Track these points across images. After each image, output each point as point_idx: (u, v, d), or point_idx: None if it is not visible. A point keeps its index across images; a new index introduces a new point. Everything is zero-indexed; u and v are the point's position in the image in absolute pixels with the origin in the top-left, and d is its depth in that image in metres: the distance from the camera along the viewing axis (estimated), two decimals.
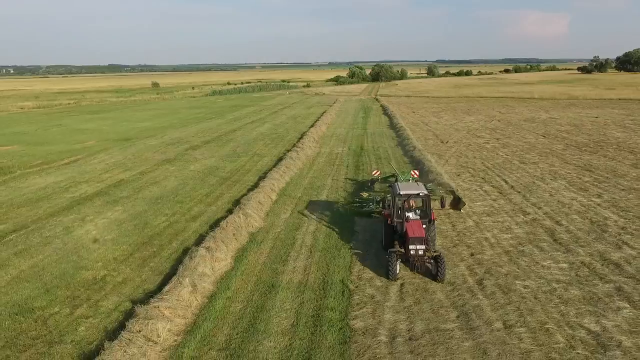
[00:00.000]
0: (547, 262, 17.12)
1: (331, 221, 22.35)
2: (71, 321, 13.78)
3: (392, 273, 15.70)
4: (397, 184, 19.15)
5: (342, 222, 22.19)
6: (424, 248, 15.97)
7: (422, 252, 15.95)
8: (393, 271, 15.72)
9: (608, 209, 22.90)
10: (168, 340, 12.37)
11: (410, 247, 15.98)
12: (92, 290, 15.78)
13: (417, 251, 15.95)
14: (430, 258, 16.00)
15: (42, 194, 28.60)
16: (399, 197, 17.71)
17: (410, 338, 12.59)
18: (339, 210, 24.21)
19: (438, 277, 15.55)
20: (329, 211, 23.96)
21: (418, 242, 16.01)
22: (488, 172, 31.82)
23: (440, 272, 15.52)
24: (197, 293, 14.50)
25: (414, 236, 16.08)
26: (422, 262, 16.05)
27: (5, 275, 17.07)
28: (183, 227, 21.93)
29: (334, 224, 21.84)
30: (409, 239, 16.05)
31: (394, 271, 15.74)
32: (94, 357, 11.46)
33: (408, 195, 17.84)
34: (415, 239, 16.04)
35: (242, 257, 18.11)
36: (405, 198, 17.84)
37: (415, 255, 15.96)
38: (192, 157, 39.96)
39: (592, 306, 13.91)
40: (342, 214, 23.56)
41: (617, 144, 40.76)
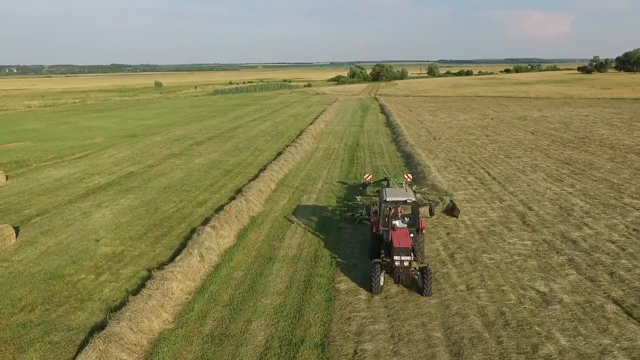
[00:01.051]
0: (513, 239, 19.36)
1: (324, 205, 24.61)
2: (97, 285, 16.07)
3: (375, 286, 14.69)
4: (384, 189, 18.12)
5: (332, 208, 24.45)
6: (409, 259, 14.89)
7: (408, 263, 14.85)
8: (376, 284, 14.70)
9: (577, 197, 25.11)
10: (181, 297, 14.65)
11: (395, 257, 14.88)
12: (112, 261, 18.06)
13: (402, 262, 14.83)
14: (417, 270, 15.05)
15: (59, 184, 30.92)
16: (385, 204, 16.69)
17: (386, 297, 14.83)
18: (332, 198, 26.47)
19: (424, 291, 14.55)
20: (323, 199, 26.20)
21: (403, 253, 14.89)
22: (474, 165, 34.03)
23: (426, 285, 14.51)
24: (204, 262, 16.78)
25: (399, 246, 14.99)
26: (407, 275, 14.96)
27: (35, 250, 19.37)
28: (190, 211, 24.21)
29: (327, 210, 24.10)
30: (393, 249, 15.02)
31: (377, 284, 14.73)
32: (120, 308, 13.71)
33: (395, 202, 16.74)
34: (401, 249, 14.93)
35: (244, 236, 20.41)
36: (391, 205, 16.86)
37: (400, 266, 14.83)
38: (197, 152, 42.25)
39: (545, 273, 16.15)
40: (335, 201, 25.82)
41: (600, 141, 42.88)
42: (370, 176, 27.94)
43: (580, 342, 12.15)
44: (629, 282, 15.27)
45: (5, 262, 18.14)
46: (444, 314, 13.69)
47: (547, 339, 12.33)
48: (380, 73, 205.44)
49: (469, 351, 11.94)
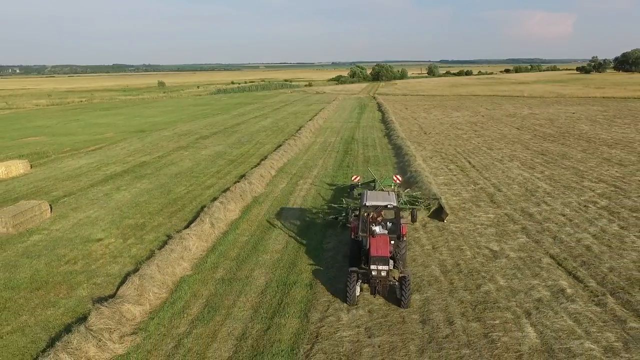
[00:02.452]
0: (479, 213, 22.51)
1: (318, 188, 27.79)
2: (125, 246, 19.27)
3: (350, 297, 13.87)
4: (366, 193, 17.19)
5: (325, 190, 27.64)
6: (387, 269, 14.00)
7: (385, 273, 13.98)
8: (351, 295, 13.86)
9: (543, 181, 28.24)
10: (196, 253, 17.85)
11: (372, 267, 14.00)
12: (136, 230, 21.27)
13: (380, 272, 13.93)
14: (396, 279, 14.25)
15: (79, 172, 34.15)
16: (364, 208, 15.78)
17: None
18: (325, 182, 29.66)
19: (401, 303, 13.71)
20: (317, 184, 29.40)
21: (380, 262, 13.96)
22: (457, 155, 37.16)
23: (404, 297, 13.60)
24: (214, 228, 19.99)
25: (376, 255, 14.07)
26: (384, 285, 14.12)
27: (68, 222, 22.58)
28: (200, 193, 27.42)
29: (320, 190, 27.28)
30: (370, 258, 14.14)
31: (352, 294, 13.87)
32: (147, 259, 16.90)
33: (374, 207, 15.79)
34: (377, 258, 14.02)
35: (248, 210, 23.63)
36: (371, 209, 15.92)
37: (378, 276, 13.97)
38: (203, 145, 45.47)
39: (499, 237, 19.32)
40: (327, 185, 29.01)
41: (579, 135, 45.95)
42: (358, 178, 26.17)
43: (514, 283, 15.31)
44: (567, 243, 18.41)
45: (45, 231, 21.35)
46: (410, 265, 16.83)
47: (490, 281, 15.48)
48: (380, 73, 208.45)
49: (426, 288, 15.10)
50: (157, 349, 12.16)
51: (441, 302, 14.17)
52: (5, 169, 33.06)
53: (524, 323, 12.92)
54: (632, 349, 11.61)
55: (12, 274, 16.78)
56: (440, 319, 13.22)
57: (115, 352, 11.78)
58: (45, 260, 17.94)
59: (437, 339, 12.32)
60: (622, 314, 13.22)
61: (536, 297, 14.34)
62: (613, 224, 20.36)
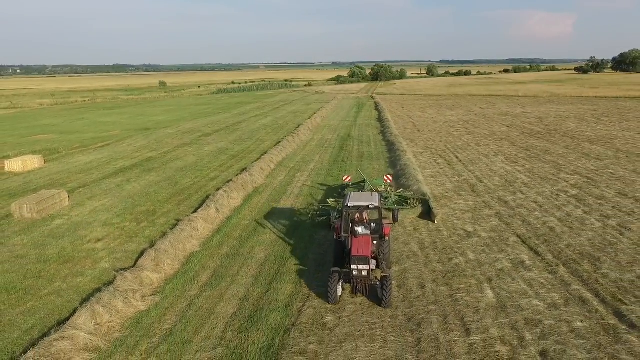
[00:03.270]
0: (459, 201, 24.73)
1: (314, 181, 30.04)
2: (140, 228, 21.51)
3: (331, 296, 14.04)
4: (350, 193, 17.61)
5: (321, 178, 29.91)
6: (367, 268, 14.11)
7: (366, 272, 14.10)
8: (333, 294, 14.02)
9: (523, 174, 30.45)
10: (204, 233, 20.10)
11: (352, 266, 14.16)
12: (148, 215, 23.51)
13: (360, 272, 14.10)
14: (377, 279, 14.38)
15: (90, 166, 36.40)
16: (346, 209, 15.90)
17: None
18: (321, 175, 31.90)
19: (383, 303, 13.85)
20: (313, 177, 31.64)
21: (361, 262, 14.11)
22: (446, 151, 39.39)
23: (385, 296, 13.75)
24: (219, 213, 22.24)
25: (357, 255, 14.23)
26: (365, 285, 14.30)
27: (85, 209, 24.83)
28: (205, 184, 29.67)
29: (317, 180, 29.53)
30: (351, 258, 14.31)
31: (334, 294, 14.03)
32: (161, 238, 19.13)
33: (356, 207, 16.01)
34: (358, 258, 14.16)
35: (249, 199, 25.89)
36: (353, 210, 16.10)
37: (359, 276, 14.14)
38: (205, 141, 47.72)
39: (475, 220, 21.54)
40: (322, 177, 31.24)
41: (565, 132, 48.15)
42: (349, 178, 26.69)
43: (482, 257, 17.54)
44: (533, 225, 20.63)
45: (66, 216, 23.60)
46: (392, 242, 19.02)
47: (461, 255, 17.71)
48: (379, 73, 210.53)
49: (405, 261, 17.34)
50: (173, 307, 14.40)
51: (416, 272, 16.40)
52: (22, 164, 35.31)
53: (485, 287, 15.15)
54: (570, 305, 13.83)
55: (42, 251, 19.03)
56: (414, 284, 15.45)
57: (138, 308, 14.01)
58: (69, 240, 20.20)
59: (409, 298, 14.55)
60: (568, 279, 15.44)
61: (499, 267, 16.57)
62: (578, 210, 22.58)
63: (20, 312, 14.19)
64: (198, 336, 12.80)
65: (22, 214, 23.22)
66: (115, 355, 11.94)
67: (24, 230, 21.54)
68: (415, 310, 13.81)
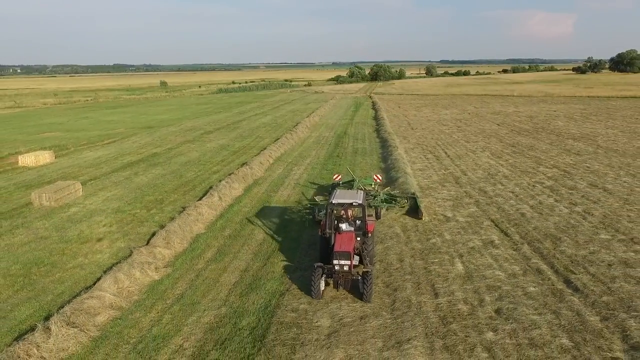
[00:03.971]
0: (442, 191, 26.85)
1: (310, 174, 32.17)
2: (149, 215, 23.62)
3: (314, 291, 14.47)
4: (335, 191, 18.13)
5: (316, 172, 32.05)
6: (348, 264, 14.58)
7: (347, 268, 14.58)
8: (316, 289, 14.44)
9: (505, 167, 32.56)
10: (208, 218, 22.22)
11: (334, 262, 14.60)
12: (156, 204, 25.62)
13: (342, 267, 14.55)
14: (359, 274, 14.69)
15: (99, 161, 38.51)
16: (330, 206, 16.41)
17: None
18: (316, 169, 34.04)
19: (364, 297, 14.30)
20: (309, 171, 33.77)
21: (342, 257, 14.60)
22: (436, 147, 41.50)
23: (366, 290, 14.20)
24: (222, 201, 24.37)
25: (339, 250, 14.72)
26: (347, 280, 14.75)
27: (98, 198, 26.94)
28: (208, 177, 31.78)
29: (311, 175, 31.67)
30: (333, 253, 14.78)
31: (317, 289, 14.44)
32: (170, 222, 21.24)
33: (340, 205, 16.50)
34: (340, 253, 14.65)
35: (249, 189, 28.02)
36: (337, 207, 16.60)
37: (340, 270, 14.58)
38: (207, 138, 49.83)
39: (454, 207, 23.66)
40: (317, 171, 33.37)
41: (552, 130, 50.26)
42: (339, 177, 27.14)
43: (457, 237, 19.66)
44: (507, 212, 22.76)
45: (81, 204, 25.72)
46: (378, 226, 21.14)
47: (438, 236, 19.83)
48: (378, 73, 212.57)
49: (388, 240, 19.46)
50: (183, 277, 16.52)
51: (397, 249, 18.52)
52: (34, 158, 37.42)
53: (456, 261, 17.27)
54: (527, 275, 15.95)
55: (63, 233, 21.15)
56: (394, 259, 17.57)
57: (153, 277, 16.13)
58: (86, 224, 22.32)
59: (389, 270, 16.66)
60: (530, 255, 17.57)
61: (470, 246, 18.70)
62: (550, 198, 24.70)
63: (50, 281, 16.31)
64: (205, 299, 14.92)
65: (41, 202, 25.33)
66: (136, 313, 14.05)
67: (44, 216, 23.65)
68: (393, 279, 15.92)
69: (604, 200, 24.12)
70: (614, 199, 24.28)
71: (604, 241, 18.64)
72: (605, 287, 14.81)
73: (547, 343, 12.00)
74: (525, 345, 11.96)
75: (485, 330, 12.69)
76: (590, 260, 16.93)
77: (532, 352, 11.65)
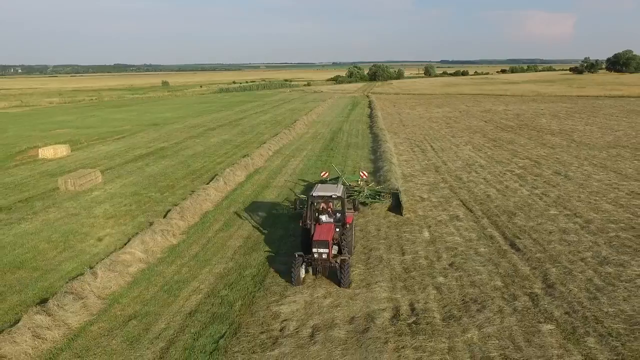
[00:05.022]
0: (423, 178, 30.20)
1: (306, 163, 35.55)
2: (163, 197, 26.98)
3: (294, 278, 15.42)
4: (316, 185, 19.14)
5: (311, 162, 35.45)
6: (326, 252, 15.49)
7: (325, 255, 15.51)
8: (295, 276, 15.39)
9: (483, 159, 35.90)
10: (215, 199, 25.60)
11: (313, 250, 15.58)
12: (168, 188, 28.99)
13: (320, 254, 15.51)
14: (337, 262, 15.63)
15: (112, 154, 41.88)
16: (311, 199, 17.36)
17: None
18: (312, 160, 37.41)
19: (341, 283, 15.29)
20: (305, 161, 37.15)
21: (320, 246, 15.50)
22: (423, 141, 44.85)
23: (343, 277, 15.21)
24: (227, 185, 27.77)
25: (318, 239, 15.63)
26: (325, 267, 15.72)
27: (116, 184, 30.31)
28: (213, 166, 35.15)
29: (308, 163, 35.06)
30: (312, 242, 15.72)
31: (297, 275, 15.41)
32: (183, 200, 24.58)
33: (321, 197, 17.48)
34: (318, 242, 15.56)
35: (251, 177, 31.42)
36: (317, 199, 17.52)
37: (319, 258, 15.56)
38: (211, 134, 53.20)
39: (430, 191, 27.01)
40: (312, 162, 36.74)
41: (534, 127, 53.56)
42: (326, 174, 28.17)
43: (428, 213, 23.00)
44: (475, 194, 26.11)
45: (102, 189, 29.09)
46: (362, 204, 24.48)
47: (412, 212, 23.17)
48: (376, 73, 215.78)
49: (369, 216, 22.78)
50: (196, 242, 19.89)
51: (376, 222, 21.86)
52: (53, 151, 40.80)
53: (424, 230, 20.62)
54: (480, 239, 19.31)
55: (90, 211, 24.52)
56: (372, 229, 20.92)
57: (171, 242, 19.49)
58: (109, 204, 25.70)
59: (367, 237, 20.01)
60: (486, 226, 20.93)
61: (439, 219, 22.05)
62: (516, 184, 28.05)
63: (85, 245, 19.68)
64: (215, 257, 18.30)
65: (66, 187, 28.68)
66: (160, 266, 17.42)
67: (71, 198, 27.01)
68: (370, 243, 19.28)
69: (562, 185, 27.48)
70: (571, 184, 27.64)
71: (552, 215, 21.99)
72: (541, 248, 18.17)
73: (484, 284, 15.34)
74: (466, 285, 15.31)
75: (438, 276, 16.05)
76: (536, 229, 20.28)
77: (470, 290, 14.99)
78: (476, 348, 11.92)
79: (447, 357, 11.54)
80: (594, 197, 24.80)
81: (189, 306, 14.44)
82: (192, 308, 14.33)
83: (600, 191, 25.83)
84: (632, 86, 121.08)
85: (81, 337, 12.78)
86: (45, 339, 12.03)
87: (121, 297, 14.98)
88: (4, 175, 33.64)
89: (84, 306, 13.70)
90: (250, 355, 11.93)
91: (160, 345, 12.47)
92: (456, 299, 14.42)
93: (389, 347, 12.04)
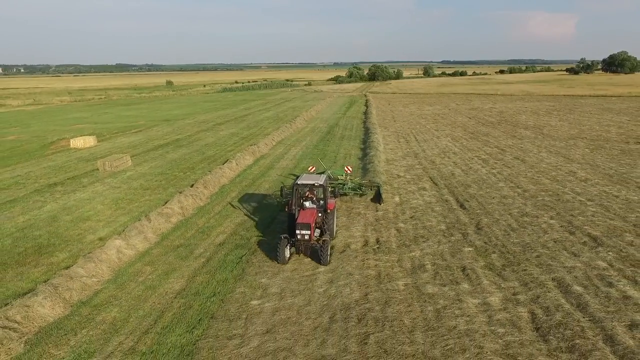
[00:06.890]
0: (403, 162, 35.83)
1: (304, 151, 41.26)
2: (186, 176, 32.66)
3: (280, 257, 17.15)
4: (302, 175, 21.13)
5: (309, 150, 41.17)
6: (309, 233, 17.20)
7: (308, 237, 17.26)
8: (281, 255, 17.12)
9: (457, 147, 41.54)
10: (229, 176, 31.34)
11: (297, 231, 17.34)
12: (189, 169, 34.67)
13: (303, 236, 17.25)
14: (319, 243, 17.37)
15: (134, 144, 47.59)
16: (296, 186, 18.95)
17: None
18: (309, 149, 43.11)
19: (321, 261, 17.16)
20: (304, 150, 42.86)
21: (303, 228, 17.24)
22: (409, 134, 50.51)
23: (323, 255, 17.04)
24: (238, 166, 33.60)
25: (301, 222, 17.35)
26: (307, 247, 17.53)
27: (143, 168, 35.98)
28: (224, 154, 40.87)
29: (306, 151, 40.77)
30: (296, 224, 17.42)
31: (282, 254, 17.12)
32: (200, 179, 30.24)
33: (304, 185, 19.09)
34: (301, 224, 17.29)
35: (257, 161, 37.16)
36: (301, 187, 19.15)
37: (302, 239, 17.35)
38: (220, 129, 58.91)
39: (406, 170, 32.66)
40: (310, 149, 42.43)
41: (512, 122, 59.15)
42: (313, 168, 29.85)
43: (401, 186, 28.66)
44: (443, 173, 31.75)
45: (133, 170, 34.77)
46: None
47: (388, 185, 28.80)
48: (376, 73, 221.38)
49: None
50: (218, 204, 25.62)
51: None
52: (83, 142, 46.52)
53: (396, 197, 26.27)
54: (438, 202, 24.97)
55: (128, 185, 30.19)
56: (355, 198, 26.57)
57: (199, 204, 25.21)
58: (143, 180, 31.39)
59: (349, 202, 25.66)
60: (445, 194, 26.60)
61: (409, 189, 27.73)
62: (479, 165, 33.71)
63: (132, 207, 25.36)
64: (234, 213, 24.04)
65: (104, 168, 34.38)
66: (192, 219, 23.17)
67: (110, 176, 32.73)
68: (352, 205, 24.95)
69: (516, 166, 33.13)
70: (524, 166, 33.29)
71: (499, 187, 27.66)
72: (481, 207, 23.84)
73: (432, 227, 21.03)
74: (419, 228, 21.01)
75: (399, 223, 21.75)
76: (483, 196, 25.95)
77: (421, 231, 20.67)
78: (416, 260, 17.60)
79: (395, 264, 17.21)
80: (538, 175, 30.47)
81: (219, 240, 20.17)
82: (221, 241, 20.05)
83: (545, 171, 31.50)
84: (618, 86, 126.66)
85: (147, 255, 18.53)
86: (124, 254, 17.73)
87: (169, 235, 20.74)
88: (45, 161, 39.39)
89: (145, 239, 19.41)
90: (262, 263, 17.63)
91: (202, 260, 18.18)
92: (410, 235, 20.12)
93: (358, 259, 17.73)
